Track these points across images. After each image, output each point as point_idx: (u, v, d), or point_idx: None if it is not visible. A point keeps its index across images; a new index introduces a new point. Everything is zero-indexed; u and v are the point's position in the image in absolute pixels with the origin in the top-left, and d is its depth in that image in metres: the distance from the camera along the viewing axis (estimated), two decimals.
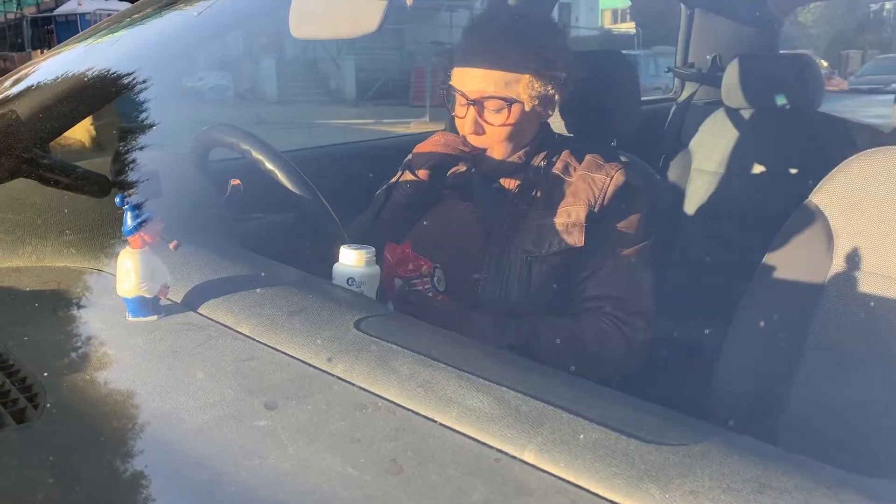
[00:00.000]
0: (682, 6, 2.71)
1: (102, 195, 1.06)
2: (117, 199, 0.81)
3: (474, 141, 1.39)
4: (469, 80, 1.36)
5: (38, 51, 19.17)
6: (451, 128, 2.44)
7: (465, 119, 1.37)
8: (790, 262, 1.19)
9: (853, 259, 1.12)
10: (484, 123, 1.36)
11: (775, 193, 1.98)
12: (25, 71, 1.33)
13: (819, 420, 1.10)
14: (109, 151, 1.28)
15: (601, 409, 0.62)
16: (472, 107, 1.35)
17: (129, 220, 0.82)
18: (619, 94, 1.63)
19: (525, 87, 1.34)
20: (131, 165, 1.10)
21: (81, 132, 1.26)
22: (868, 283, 1.10)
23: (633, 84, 1.71)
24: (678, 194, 2.27)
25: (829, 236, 1.15)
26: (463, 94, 1.36)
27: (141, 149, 1.21)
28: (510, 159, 1.40)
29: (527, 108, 1.36)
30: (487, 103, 1.35)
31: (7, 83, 1.29)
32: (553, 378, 0.71)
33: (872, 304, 1.08)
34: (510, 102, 1.34)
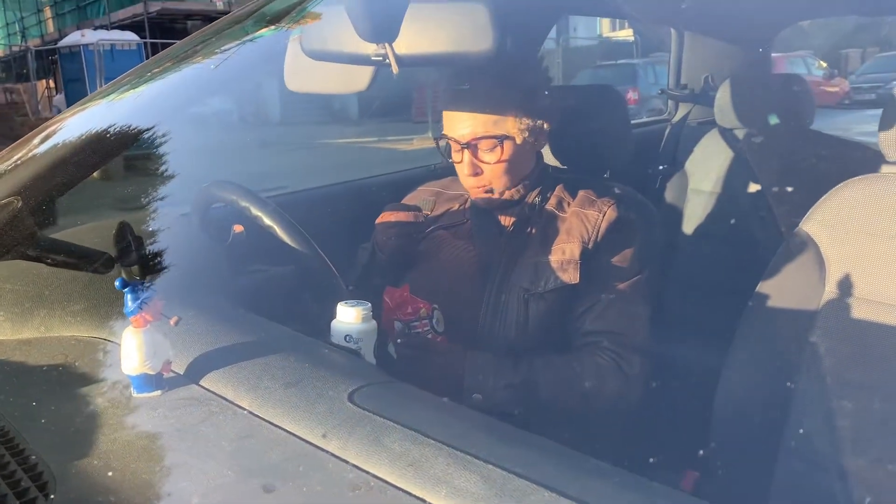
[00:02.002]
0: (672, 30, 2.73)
1: (106, 271, 1.09)
2: (117, 283, 0.85)
3: (475, 182, 1.42)
4: (458, 126, 1.40)
5: (43, 81, 19.46)
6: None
7: (462, 163, 1.41)
8: (784, 290, 1.21)
9: (845, 286, 1.15)
10: (480, 164, 1.40)
11: (771, 213, 2.00)
12: (40, 136, 1.35)
13: (816, 445, 1.12)
14: (107, 211, 1.32)
15: (583, 484, 0.64)
16: (466, 150, 1.39)
17: (129, 301, 0.86)
18: (610, 126, 1.66)
19: (513, 123, 1.38)
20: (131, 240, 1.13)
21: (82, 196, 1.29)
22: (861, 310, 1.12)
23: (623, 115, 1.74)
24: (676, 214, 2.29)
25: (820, 264, 1.18)
26: (455, 140, 1.40)
27: (143, 217, 1.24)
28: (506, 196, 1.43)
29: (518, 142, 1.39)
30: (480, 144, 1.39)
31: (21, 152, 1.32)
32: (538, 449, 0.73)
33: (865, 329, 1.11)
34: (501, 139, 1.38)
